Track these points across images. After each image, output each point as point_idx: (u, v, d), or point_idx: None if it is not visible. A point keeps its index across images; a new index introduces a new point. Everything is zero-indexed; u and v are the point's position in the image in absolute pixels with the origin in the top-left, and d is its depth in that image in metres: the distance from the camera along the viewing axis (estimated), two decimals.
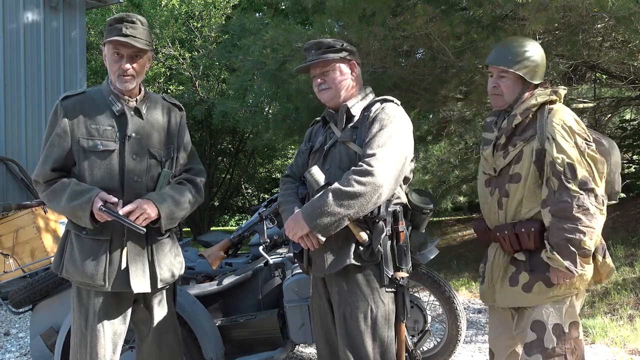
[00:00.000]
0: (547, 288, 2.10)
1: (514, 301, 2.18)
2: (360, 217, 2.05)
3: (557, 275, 2.06)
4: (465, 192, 8.92)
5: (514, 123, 2.17)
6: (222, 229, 15.68)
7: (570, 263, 2.00)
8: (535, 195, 2.13)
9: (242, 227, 3.18)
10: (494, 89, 2.22)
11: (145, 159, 2.23)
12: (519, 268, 2.17)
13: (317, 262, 2.19)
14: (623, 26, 3.72)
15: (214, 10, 11.32)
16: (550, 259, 2.05)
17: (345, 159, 2.16)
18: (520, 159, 2.15)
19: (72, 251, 2.18)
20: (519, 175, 2.15)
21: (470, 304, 5.24)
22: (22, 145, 7.08)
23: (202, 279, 3.37)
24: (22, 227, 4.00)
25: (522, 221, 2.15)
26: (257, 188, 17.35)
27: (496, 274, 2.25)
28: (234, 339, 2.99)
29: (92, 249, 2.15)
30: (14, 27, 7.02)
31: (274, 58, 6.14)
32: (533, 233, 2.10)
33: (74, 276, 2.17)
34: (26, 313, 3.16)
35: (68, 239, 2.23)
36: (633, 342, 3.80)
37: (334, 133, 2.25)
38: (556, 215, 2.03)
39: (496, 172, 2.24)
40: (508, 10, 4.31)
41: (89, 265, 2.14)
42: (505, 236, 2.17)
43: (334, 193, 2.01)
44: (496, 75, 2.22)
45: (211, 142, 12.86)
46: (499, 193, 2.21)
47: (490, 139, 2.29)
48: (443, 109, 6.47)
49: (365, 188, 1.99)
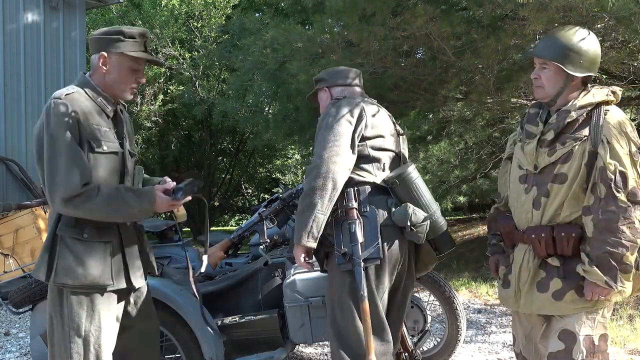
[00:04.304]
0: (580, 297, 1.97)
1: (541, 308, 2.04)
2: (332, 207, 2.21)
3: (593, 290, 1.92)
4: (465, 192, 8.91)
5: (566, 120, 2.01)
6: (222, 229, 15.68)
7: (610, 278, 1.88)
8: (579, 199, 1.99)
9: (242, 227, 3.18)
10: (536, 81, 2.09)
11: (133, 158, 2.31)
12: (550, 273, 2.03)
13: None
14: (623, 26, 3.72)
15: (214, 10, 11.31)
16: (588, 273, 1.91)
17: None
18: (568, 159, 1.99)
19: (68, 256, 2.09)
20: (565, 176, 2.00)
21: (470, 304, 5.24)
22: (22, 145, 7.07)
23: (202, 278, 3.37)
24: (22, 227, 4.00)
25: (562, 224, 2.00)
26: (257, 188, 17.34)
27: (524, 277, 2.09)
28: (234, 339, 2.99)
29: (96, 251, 2.13)
30: (14, 27, 7.02)
31: (274, 58, 6.14)
32: (573, 238, 1.97)
33: (73, 281, 2.10)
34: (26, 313, 3.16)
35: (60, 244, 2.11)
36: (633, 342, 3.80)
37: None
38: (599, 226, 1.90)
39: (537, 169, 2.07)
40: (508, 10, 4.30)
41: (95, 267, 2.11)
42: (542, 239, 2.01)
43: (300, 200, 2.23)
44: (538, 66, 2.09)
45: (211, 142, 12.84)
46: (537, 191, 2.05)
47: (534, 132, 2.12)
48: (443, 109, 6.46)
49: (316, 181, 2.16)
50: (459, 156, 8.00)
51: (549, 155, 2.03)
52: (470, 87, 5.33)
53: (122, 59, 2.16)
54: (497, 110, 6.09)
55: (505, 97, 5.35)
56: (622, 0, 3.37)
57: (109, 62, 2.16)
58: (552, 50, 2.03)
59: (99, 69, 2.17)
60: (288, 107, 6.85)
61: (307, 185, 2.18)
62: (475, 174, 8.25)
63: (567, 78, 2.04)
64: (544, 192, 2.03)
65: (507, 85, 5.04)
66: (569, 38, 2.03)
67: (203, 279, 3.37)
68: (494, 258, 2.34)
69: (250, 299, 3.15)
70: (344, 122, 2.26)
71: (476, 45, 4.54)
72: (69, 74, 7.59)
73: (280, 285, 3.07)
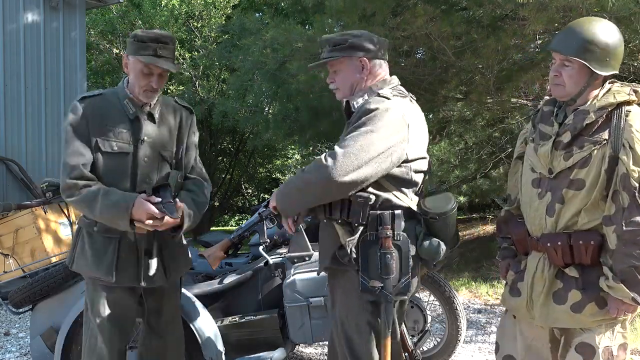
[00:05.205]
0: (600, 310, 1.85)
1: (558, 320, 1.91)
2: (323, 209, 2.03)
3: (618, 307, 1.80)
4: (466, 192, 8.90)
5: (585, 122, 1.85)
6: (222, 229, 15.67)
7: (637, 294, 1.76)
8: (599, 207, 1.85)
9: (242, 227, 3.18)
10: (555, 78, 1.90)
11: (157, 161, 2.30)
12: (568, 284, 1.89)
13: (319, 260, 2.27)
14: (623, 26, 3.72)
15: (214, 10, 11.30)
16: (613, 289, 1.78)
17: None
18: (586, 164, 1.84)
19: (83, 247, 2.27)
20: (582, 182, 1.85)
21: (470, 304, 5.24)
22: (22, 145, 7.07)
23: (202, 278, 3.37)
24: (22, 227, 4.01)
25: (579, 232, 1.86)
26: (257, 188, 17.33)
27: (538, 288, 1.95)
28: (234, 339, 2.99)
29: (102, 245, 2.23)
30: (14, 27, 7.01)
31: (274, 58, 6.14)
32: (592, 247, 1.83)
33: (83, 270, 2.28)
34: (26, 313, 3.16)
35: (80, 235, 2.32)
36: (633, 342, 3.80)
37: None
38: (623, 238, 1.77)
39: (552, 174, 1.92)
40: (508, 10, 4.30)
41: (98, 260, 2.22)
42: (558, 247, 1.87)
43: (296, 176, 2.06)
44: (558, 62, 1.89)
45: (211, 142, 12.84)
46: (551, 197, 1.91)
47: (548, 133, 1.95)
48: (443, 109, 6.46)
49: (316, 179, 1.92)
50: (459, 156, 8.00)
51: (565, 159, 1.88)
52: (470, 87, 5.33)
53: (135, 62, 2.21)
54: (497, 110, 6.09)
55: (505, 97, 5.35)
56: (622, 0, 3.38)
57: (128, 64, 2.25)
58: (575, 45, 1.83)
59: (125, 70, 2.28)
60: (288, 107, 6.85)
61: (308, 174, 1.96)
62: (475, 174, 8.25)
63: (591, 77, 1.86)
64: (559, 198, 1.89)
65: (507, 85, 5.04)
66: (594, 31, 1.84)
67: (203, 279, 3.37)
68: (504, 262, 2.21)
69: (250, 299, 3.15)
70: (392, 138, 1.97)
71: (476, 45, 4.54)
72: (69, 74, 7.59)
73: (280, 285, 3.07)
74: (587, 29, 1.85)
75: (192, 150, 2.44)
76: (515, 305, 2.05)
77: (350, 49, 2.09)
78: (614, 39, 1.86)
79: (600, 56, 1.84)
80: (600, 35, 1.84)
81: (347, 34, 2.14)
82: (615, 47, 1.86)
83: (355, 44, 2.09)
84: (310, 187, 1.96)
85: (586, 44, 1.83)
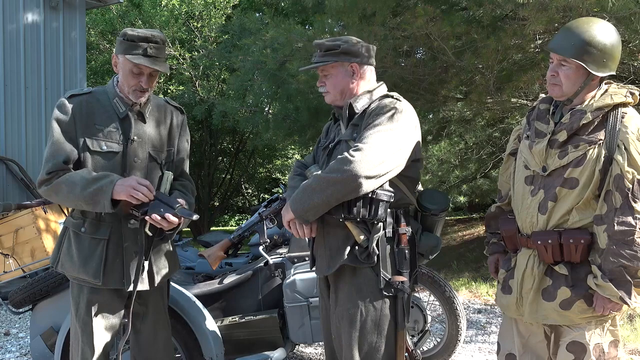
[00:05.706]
0: (589, 307, 1.88)
1: (547, 317, 1.94)
2: (344, 207, 2.01)
3: (605, 305, 1.84)
4: (466, 192, 8.92)
5: (581, 122, 1.87)
6: (222, 229, 15.67)
7: (625, 293, 1.79)
8: (591, 206, 1.88)
9: (242, 227, 3.18)
10: (552, 78, 1.93)
11: (146, 161, 2.27)
12: (557, 281, 1.92)
13: (319, 262, 2.21)
14: (623, 26, 3.72)
15: (214, 10, 11.31)
16: (601, 287, 1.81)
17: None
18: (581, 163, 1.86)
19: (70, 247, 2.23)
20: (576, 181, 1.87)
21: (470, 304, 5.24)
22: (22, 145, 7.07)
23: (202, 278, 3.37)
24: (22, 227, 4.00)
25: (569, 230, 1.89)
26: (257, 188, 17.35)
27: (528, 285, 1.98)
28: (234, 339, 2.99)
29: (89, 247, 2.19)
30: (14, 27, 7.02)
31: (274, 58, 6.14)
32: (582, 245, 1.86)
33: (69, 271, 2.23)
34: (26, 313, 3.16)
35: (66, 235, 2.27)
36: (633, 342, 3.80)
37: (341, 131, 2.24)
38: (614, 238, 1.80)
39: (545, 172, 1.94)
40: (508, 10, 4.30)
41: (85, 262, 2.18)
42: (549, 245, 1.90)
43: (314, 179, 2.02)
44: (556, 62, 1.91)
45: (211, 142, 12.85)
46: (544, 195, 1.93)
47: (544, 131, 1.97)
48: (443, 109, 6.46)
49: (342, 176, 1.93)
50: (459, 156, 8.01)
51: (560, 157, 1.91)
52: (470, 87, 5.33)
53: (124, 61, 2.18)
54: (497, 110, 6.09)
55: (505, 97, 5.35)
56: (622, 0, 3.37)
57: (118, 63, 2.22)
58: (572, 46, 1.86)
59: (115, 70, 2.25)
60: (288, 107, 6.85)
61: (334, 173, 1.95)
62: (475, 174, 8.26)
63: (588, 77, 1.89)
64: (552, 196, 1.91)
65: (507, 85, 5.04)
66: (592, 33, 1.85)
67: (203, 279, 3.38)
68: (493, 258, 2.26)
69: (250, 299, 3.15)
70: (410, 139, 2.09)
71: (476, 45, 4.54)
72: (69, 74, 7.59)
73: (280, 285, 3.07)
74: (585, 30, 1.87)
75: (184, 155, 2.43)
76: (506, 303, 2.08)
77: (342, 54, 2.15)
78: (611, 41, 1.88)
79: (598, 58, 1.86)
80: (598, 37, 1.86)
81: (338, 39, 2.20)
82: (612, 48, 1.88)
83: (347, 50, 2.15)
84: (336, 186, 1.96)
85: (584, 46, 1.85)
